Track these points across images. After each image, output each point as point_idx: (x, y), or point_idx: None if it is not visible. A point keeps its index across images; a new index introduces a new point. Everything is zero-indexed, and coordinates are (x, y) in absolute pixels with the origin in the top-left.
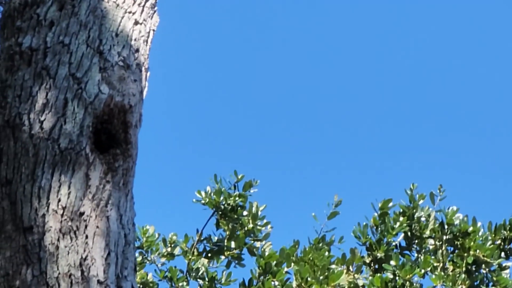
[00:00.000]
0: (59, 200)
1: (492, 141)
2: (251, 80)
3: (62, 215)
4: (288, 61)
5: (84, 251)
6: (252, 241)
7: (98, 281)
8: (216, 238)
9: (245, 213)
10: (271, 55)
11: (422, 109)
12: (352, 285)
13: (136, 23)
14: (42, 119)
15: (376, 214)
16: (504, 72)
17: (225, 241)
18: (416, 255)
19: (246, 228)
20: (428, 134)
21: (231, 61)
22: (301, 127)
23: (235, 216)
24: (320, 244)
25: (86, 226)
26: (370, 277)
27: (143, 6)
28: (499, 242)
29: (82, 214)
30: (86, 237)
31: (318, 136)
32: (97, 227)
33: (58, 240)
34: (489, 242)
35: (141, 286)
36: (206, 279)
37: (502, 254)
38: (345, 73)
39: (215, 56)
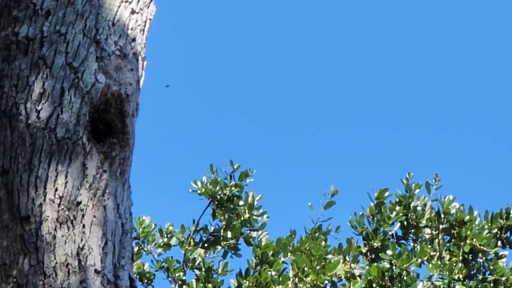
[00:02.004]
0: (56, 190)
1: (487, 130)
2: (247, 70)
3: (59, 205)
4: (283, 54)
5: (81, 240)
6: (249, 231)
7: (95, 271)
8: (212, 228)
9: (241, 203)
10: (266, 48)
11: (417, 99)
12: (348, 274)
13: (133, 12)
14: (39, 108)
15: (372, 203)
16: (495, 65)
17: (222, 231)
18: (412, 244)
19: (242, 218)
20: (423, 124)
21: (227, 52)
22: (297, 117)
23: (231, 206)
24: (317, 234)
25: (83, 216)
26: (367, 267)
27: None
28: (495, 231)
29: (79, 203)
30: (83, 226)
31: (314, 126)
32: (94, 216)
33: (55, 229)
34: (486, 231)
35: (138, 276)
36: (203, 269)
37: (499, 243)
38: (339, 66)
39: (211, 47)
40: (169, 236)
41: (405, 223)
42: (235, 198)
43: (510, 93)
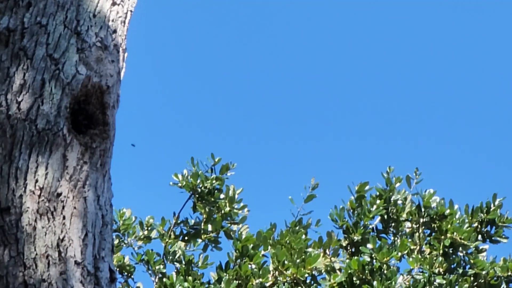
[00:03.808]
0: (37, 181)
1: (469, 124)
2: (227, 61)
3: (39, 196)
4: (263, 44)
5: (62, 232)
6: (229, 224)
7: (76, 262)
8: (193, 221)
9: (222, 196)
10: (246, 36)
11: (398, 92)
12: (329, 268)
13: (114, 4)
14: (19, 100)
15: (352, 197)
16: (473, 61)
17: (202, 224)
18: (392, 238)
19: (223, 211)
20: (404, 117)
21: (206, 43)
22: (278, 110)
23: (212, 199)
24: (297, 227)
25: (63, 207)
26: (347, 260)
27: None
28: (476, 224)
29: (59, 195)
30: (64, 218)
31: (295, 119)
32: (75, 208)
33: (36, 221)
34: (466, 225)
35: (118, 269)
36: (183, 262)
37: (479, 236)
38: (319, 62)
39: (191, 38)
40: (149, 229)
41: (386, 216)
42: (215, 191)
43: (490, 88)
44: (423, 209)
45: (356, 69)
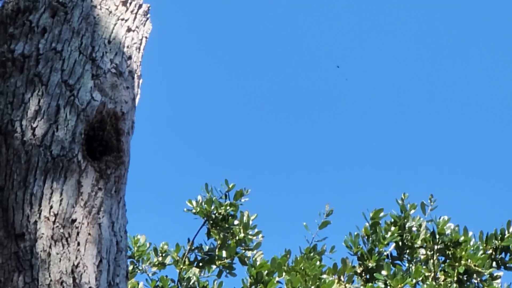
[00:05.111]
0: (51, 207)
1: (484, 151)
2: (241, 88)
3: (54, 222)
4: (279, 69)
5: (76, 258)
6: (244, 251)
7: None
8: (207, 247)
9: (236, 222)
10: (260, 63)
11: (413, 119)
12: None
13: (129, 30)
14: (34, 126)
15: (367, 224)
16: (493, 82)
17: (216, 250)
18: (407, 264)
19: (237, 238)
20: (419, 144)
21: (220, 70)
22: (293, 137)
23: (226, 225)
24: (312, 254)
25: (78, 233)
26: (362, 287)
27: (136, 13)
28: (490, 251)
29: (74, 221)
30: (78, 244)
31: (309, 146)
32: (89, 234)
33: (50, 247)
34: (481, 252)
35: None
36: None
37: (494, 263)
38: (335, 82)
39: (204, 65)
40: (163, 255)
41: (400, 243)
42: (230, 217)
43: (504, 113)
44: (437, 236)
45: (369, 95)
